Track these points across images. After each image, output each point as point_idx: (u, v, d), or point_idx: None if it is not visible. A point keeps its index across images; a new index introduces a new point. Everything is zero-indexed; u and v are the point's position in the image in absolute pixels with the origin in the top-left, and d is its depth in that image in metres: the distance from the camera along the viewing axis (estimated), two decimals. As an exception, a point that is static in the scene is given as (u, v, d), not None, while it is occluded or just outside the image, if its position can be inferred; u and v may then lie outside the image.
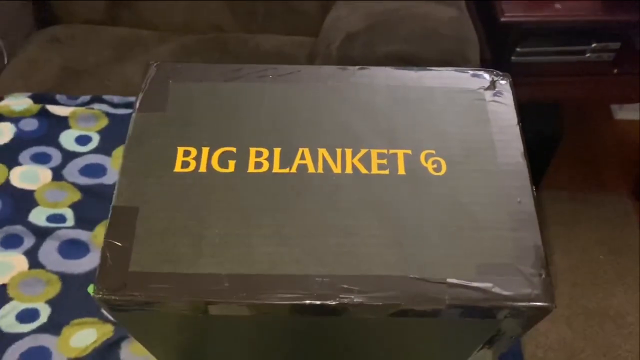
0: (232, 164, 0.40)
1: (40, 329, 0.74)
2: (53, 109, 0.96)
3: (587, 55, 1.20)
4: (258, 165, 0.40)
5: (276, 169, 0.40)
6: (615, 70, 1.21)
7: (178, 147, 0.41)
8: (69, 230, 0.82)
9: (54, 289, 0.77)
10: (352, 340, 0.44)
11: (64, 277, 0.78)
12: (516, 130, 0.42)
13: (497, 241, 0.38)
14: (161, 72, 0.44)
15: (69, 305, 0.76)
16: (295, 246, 0.37)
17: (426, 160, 0.41)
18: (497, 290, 0.36)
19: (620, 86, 1.25)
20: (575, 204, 1.49)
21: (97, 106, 0.98)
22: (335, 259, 0.36)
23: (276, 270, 0.36)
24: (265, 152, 0.41)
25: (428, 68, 0.45)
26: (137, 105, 0.43)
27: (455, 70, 0.45)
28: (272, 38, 1.20)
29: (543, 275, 0.37)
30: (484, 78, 0.45)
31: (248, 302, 0.35)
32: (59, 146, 0.93)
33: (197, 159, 0.40)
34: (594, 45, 1.19)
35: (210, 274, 0.36)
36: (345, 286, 0.35)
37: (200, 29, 1.24)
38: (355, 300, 0.35)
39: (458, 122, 0.43)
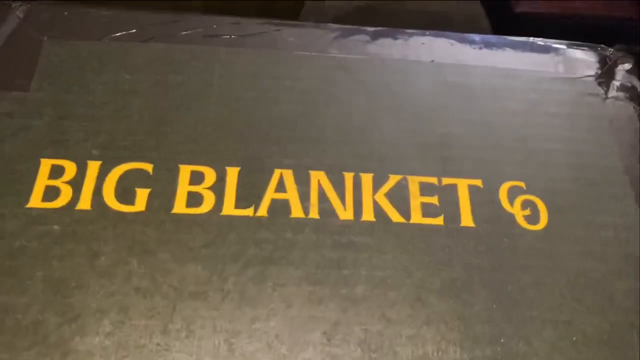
0: (142, 195, 0.21)
1: None
2: None
3: (609, 57, 1.05)
4: (194, 199, 0.21)
5: (229, 208, 0.21)
6: None
7: (42, 160, 0.21)
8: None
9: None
10: None
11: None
12: (657, 150, 0.24)
13: None
14: (30, 22, 0.24)
15: None
16: None
17: (511, 202, 0.22)
18: None
19: (644, 95, 1.11)
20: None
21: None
22: None
23: None
24: (210, 175, 0.21)
25: (502, 37, 0.27)
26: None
27: (546, 44, 0.27)
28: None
29: None
30: (593, 59, 0.27)
31: None
32: None
33: (76, 183, 0.21)
34: (616, 46, 1.04)
35: None
36: None
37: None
38: None
39: (559, 133, 0.24)
